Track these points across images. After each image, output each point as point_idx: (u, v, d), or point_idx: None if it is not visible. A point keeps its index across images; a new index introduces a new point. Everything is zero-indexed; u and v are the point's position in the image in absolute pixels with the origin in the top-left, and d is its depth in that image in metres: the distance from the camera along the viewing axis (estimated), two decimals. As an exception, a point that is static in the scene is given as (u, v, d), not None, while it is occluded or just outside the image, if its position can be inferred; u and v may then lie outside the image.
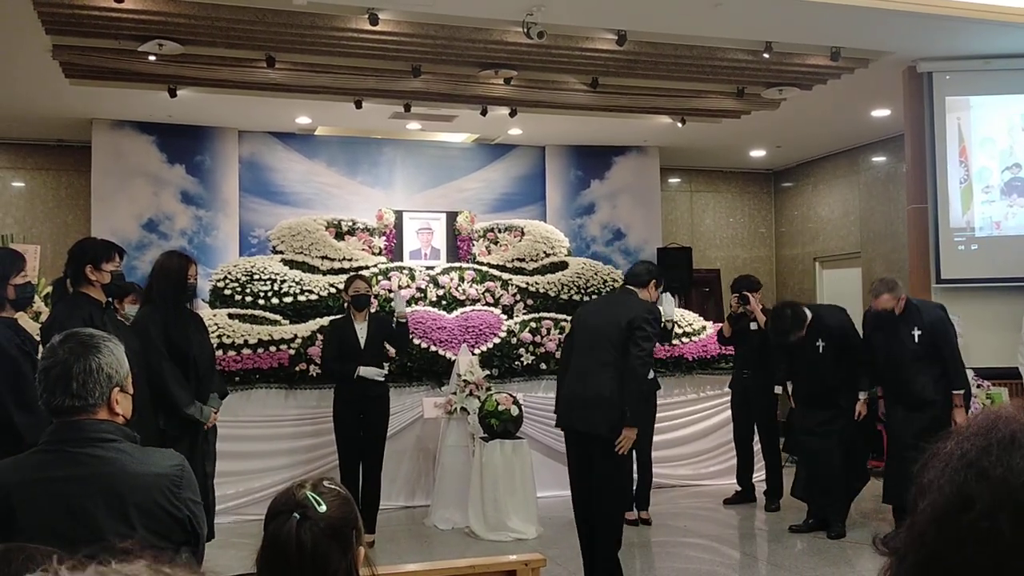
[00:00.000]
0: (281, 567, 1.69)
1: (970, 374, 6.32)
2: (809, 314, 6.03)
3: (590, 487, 4.75)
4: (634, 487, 6.62)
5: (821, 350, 5.95)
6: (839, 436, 5.92)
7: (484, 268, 8.11)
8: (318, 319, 7.07)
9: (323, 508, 1.73)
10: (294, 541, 1.68)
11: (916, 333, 5.68)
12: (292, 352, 6.74)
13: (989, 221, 7.10)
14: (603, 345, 4.72)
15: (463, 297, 7.78)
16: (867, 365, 5.92)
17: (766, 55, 6.80)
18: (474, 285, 7.86)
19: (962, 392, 5.68)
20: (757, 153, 11.04)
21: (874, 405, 6.05)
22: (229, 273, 7.49)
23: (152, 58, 6.65)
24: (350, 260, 7.94)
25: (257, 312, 7.21)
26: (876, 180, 10.45)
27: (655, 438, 6.77)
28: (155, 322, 4.55)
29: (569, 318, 7.53)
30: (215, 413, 4.74)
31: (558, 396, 5.06)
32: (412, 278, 7.78)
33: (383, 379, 6.03)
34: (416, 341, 7.04)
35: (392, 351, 6.41)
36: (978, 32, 6.48)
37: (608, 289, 8.00)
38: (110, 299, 4.18)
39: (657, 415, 6.72)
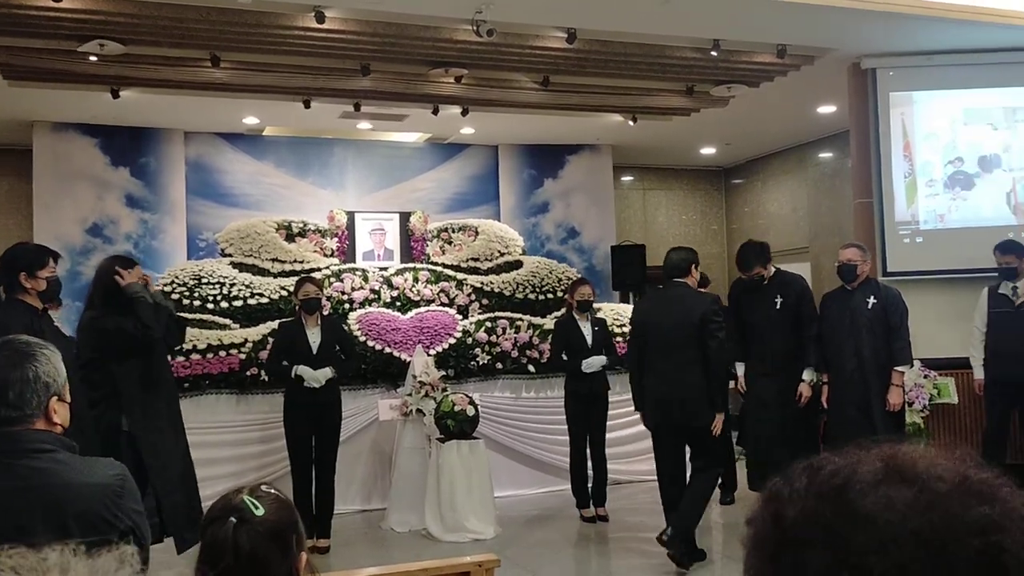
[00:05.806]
0: (219, 573, 1.64)
1: (917, 364, 6.43)
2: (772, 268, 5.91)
3: (680, 468, 5.38)
4: (590, 484, 6.64)
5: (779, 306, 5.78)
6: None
7: (438, 268, 8.07)
8: (269, 323, 6.97)
9: (260, 511, 1.69)
10: (231, 545, 1.64)
11: (871, 300, 5.66)
12: (243, 357, 6.64)
13: (933, 214, 7.23)
14: (683, 344, 5.08)
15: (417, 298, 7.72)
16: (816, 340, 5.79)
17: (714, 53, 6.85)
18: (428, 285, 7.81)
19: (903, 369, 5.70)
20: (708, 150, 11.14)
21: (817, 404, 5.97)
22: (176, 277, 7.36)
23: (93, 59, 6.50)
24: (301, 262, 7.84)
25: (206, 316, 7.09)
26: (823, 176, 10.61)
27: (608, 435, 6.78)
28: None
29: (525, 317, 7.59)
30: None
31: (644, 396, 5.33)
32: (365, 279, 7.70)
33: (325, 381, 5.89)
34: (371, 343, 6.98)
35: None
36: (919, 28, 6.60)
37: (563, 288, 8.01)
38: (45, 305, 4.10)
39: (610, 412, 6.74)
